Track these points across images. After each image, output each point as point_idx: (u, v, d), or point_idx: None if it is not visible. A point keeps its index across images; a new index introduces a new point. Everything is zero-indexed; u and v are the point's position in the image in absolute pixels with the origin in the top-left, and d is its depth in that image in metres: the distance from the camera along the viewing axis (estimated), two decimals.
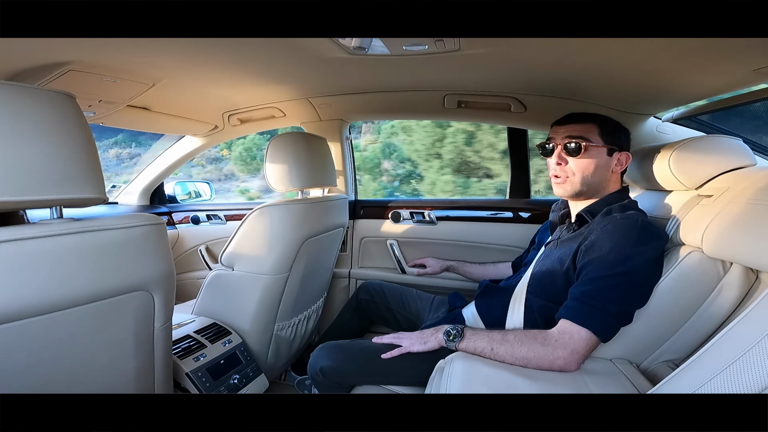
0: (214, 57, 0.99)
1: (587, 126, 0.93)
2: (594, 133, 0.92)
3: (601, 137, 0.92)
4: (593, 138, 0.92)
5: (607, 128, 0.93)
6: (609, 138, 0.92)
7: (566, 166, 0.93)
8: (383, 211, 1.68)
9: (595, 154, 0.91)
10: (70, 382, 0.66)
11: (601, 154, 0.92)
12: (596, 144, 0.91)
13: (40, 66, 0.92)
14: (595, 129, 0.92)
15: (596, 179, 0.92)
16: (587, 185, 0.93)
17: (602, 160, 0.92)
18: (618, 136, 0.94)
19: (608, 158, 0.93)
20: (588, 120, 0.94)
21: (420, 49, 0.89)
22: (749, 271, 0.75)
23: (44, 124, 0.54)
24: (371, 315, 1.38)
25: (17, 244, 0.53)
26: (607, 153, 0.92)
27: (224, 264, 1.23)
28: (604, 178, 0.93)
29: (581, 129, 0.93)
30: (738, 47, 0.75)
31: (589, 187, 0.93)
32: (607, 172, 0.93)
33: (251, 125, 1.73)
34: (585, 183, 0.92)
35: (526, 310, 0.92)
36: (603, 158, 0.92)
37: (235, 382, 1.13)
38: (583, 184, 0.92)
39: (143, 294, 0.71)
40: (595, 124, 0.93)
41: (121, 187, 2.04)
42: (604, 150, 0.92)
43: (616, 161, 0.93)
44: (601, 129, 0.92)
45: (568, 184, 0.94)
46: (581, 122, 0.94)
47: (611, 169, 0.93)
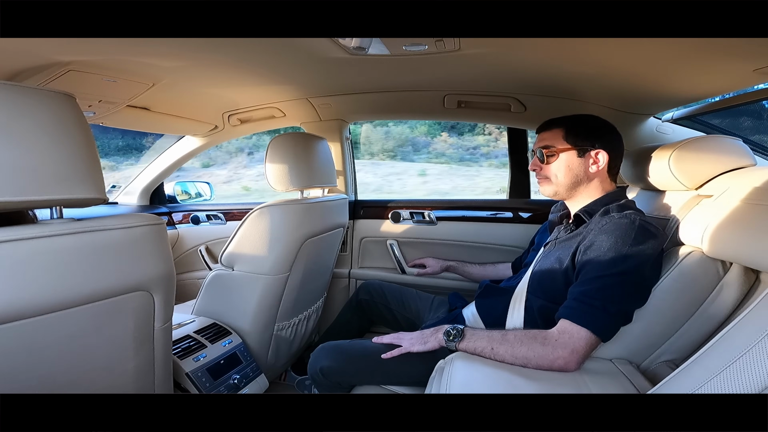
0: (214, 57, 0.99)
1: (553, 132, 0.97)
2: (558, 138, 0.96)
3: (566, 140, 0.95)
4: (557, 143, 0.95)
5: (574, 130, 0.95)
6: (575, 139, 0.94)
7: (541, 171, 0.98)
8: (383, 211, 1.69)
9: (563, 158, 0.95)
10: (70, 382, 0.66)
11: (571, 157, 0.95)
12: (562, 148, 0.95)
13: (40, 66, 0.92)
14: (560, 134, 0.96)
15: (570, 180, 0.95)
16: (563, 186, 0.96)
17: (573, 162, 0.94)
18: (587, 136, 0.94)
19: (580, 159, 0.94)
20: (556, 125, 0.98)
21: (420, 49, 0.89)
22: (749, 271, 0.75)
23: (44, 124, 0.54)
24: (371, 315, 1.38)
25: (17, 244, 0.53)
26: (577, 154, 0.94)
27: (224, 264, 1.23)
28: (582, 178, 0.95)
29: (548, 136, 0.98)
30: (738, 47, 0.75)
31: (568, 188, 0.96)
32: (582, 172, 0.95)
33: (251, 125, 1.73)
34: (560, 185, 0.96)
35: (526, 310, 0.92)
36: (573, 160, 0.95)
37: (235, 382, 1.13)
38: (558, 185, 0.96)
39: (143, 294, 0.71)
40: (560, 128, 0.96)
41: (121, 187, 2.05)
42: (573, 152, 0.94)
43: (592, 160, 0.94)
44: (566, 132, 0.95)
45: (547, 187, 0.99)
46: (550, 129, 0.98)
47: (587, 168, 0.94)
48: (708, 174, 0.88)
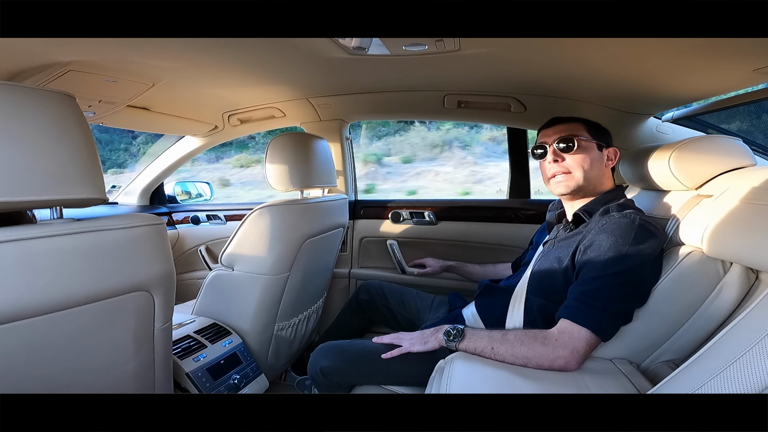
0: (214, 57, 0.99)
1: (574, 125, 0.97)
2: (582, 130, 0.96)
3: (589, 133, 0.96)
4: (582, 134, 0.96)
5: (592, 126, 0.98)
6: (596, 135, 0.97)
7: (564, 163, 0.95)
8: (383, 211, 1.69)
9: (587, 149, 0.95)
10: (70, 382, 0.66)
11: (593, 150, 0.96)
12: (586, 139, 0.95)
13: (40, 66, 0.92)
14: (582, 127, 0.97)
15: (594, 173, 0.95)
16: (587, 180, 0.94)
17: (595, 155, 0.96)
18: (602, 134, 0.99)
19: (599, 153, 0.96)
20: (573, 120, 0.98)
21: (420, 49, 0.89)
22: (749, 271, 0.75)
23: (44, 124, 0.54)
24: (371, 315, 1.38)
25: (17, 244, 0.53)
26: (597, 148, 0.96)
27: (224, 264, 1.23)
28: (600, 172, 0.96)
29: (569, 128, 0.97)
30: (738, 47, 0.75)
31: (590, 182, 0.95)
32: (601, 167, 0.96)
33: (251, 125, 1.73)
34: (585, 177, 0.94)
35: (526, 310, 0.92)
36: (595, 153, 0.96)
37: (235, 382, 1.13)
38: (585, 178, 0.94)
39: (143, 294, 0.71)
40: (580, 123, 0.97)
41: (121, 187, 2.05)
42: (594, 145, 0.96)
43: (606, 156, 0.97)
44: (587, 126, 0.97)
45: (571, 180, 0.95)
46: (567, 123, 0.98)
47: (604, 163, 0.97)
48: (708, 174, 0.88)
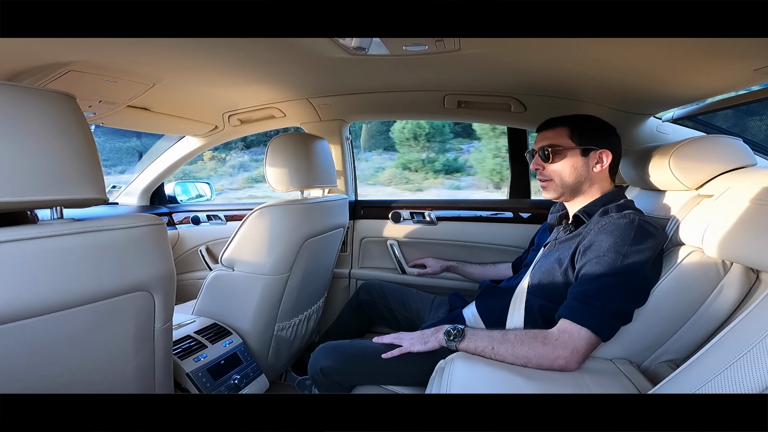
0: (214, 57, 0.99)
1: (557, 131, 0.96)
2: (563, 136, 0.95)
3: (571, 139, 0.94)
4: (562, 142, 0.95)
5: (578, 129, 0.95)
6: (580, 139, 0.94)
7: (544, 171, 0.97)
8: (383, 212, 1.68)
9: (568, 156, 0.94)
10: (70, 382, 0.66)
11: (575, 156, 0.94)
12: (566, 147, 0.94)
13: (40, 66, 0.92)
14: (564, 132, 0.95)
15: (574, 180, 0.95)
16: (566, 187, 0.96)
17: (577, 161, 0.94)
18: (592, 136, 0.95)
19: (584, 158, 0.94)
20: (559, 124, 0.97)
21: (420, 49, 0.89)
22: (749, 271, 0.75)
23: (44, 124, 0.54)
24: (371, 315, 1.38)
25: (17, 244, 0.53)
26: (581, 153, 0.94)
27: (224, 264, 1.23)
28: (585, 178, 0.95)
29: (552, 135, 0.96)
30: (738, 47, 0.75)
31: (571, 188, 0.96)
32: (586, 172, 0.95)
33: (251, 125, 1.73)
34: (563, 185, 0.95)
35: (527, 310, 0.92)
36: (578, 159, 0.94)
37: (236, 382, 1.13)
38: (563, 186, 0.96)
39: (143, 294, 0.71)
40: (565, 127, 0.96)
41: (121, 188, 2.05)
42: (577, 151, 0.94)
43: (596, 160, 0.94)
44: (571, 131, 0.95)
45: (550, 188, 0.98)
46: (553, 127, 0.97)
47: (590, 168, 0.95)
48: (708, 174, 0.88)
